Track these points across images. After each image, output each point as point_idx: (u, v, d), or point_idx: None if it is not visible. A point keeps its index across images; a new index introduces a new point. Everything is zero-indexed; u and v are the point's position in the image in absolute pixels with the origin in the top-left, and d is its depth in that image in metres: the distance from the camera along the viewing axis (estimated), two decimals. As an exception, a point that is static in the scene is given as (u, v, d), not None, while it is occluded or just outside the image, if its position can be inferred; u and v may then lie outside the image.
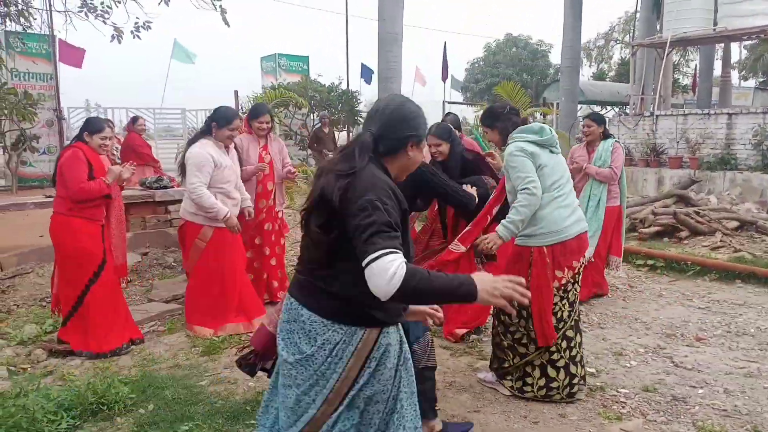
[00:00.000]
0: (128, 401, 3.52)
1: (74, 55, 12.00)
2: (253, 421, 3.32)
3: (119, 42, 8.18)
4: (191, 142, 4.76)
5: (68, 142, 4.52)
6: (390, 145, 2.09)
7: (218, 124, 4.66)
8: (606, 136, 5.79)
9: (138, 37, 8.22)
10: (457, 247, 4.19)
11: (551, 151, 3.60)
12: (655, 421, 3.45)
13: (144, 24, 8.13)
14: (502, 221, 3.57)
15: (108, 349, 4.34)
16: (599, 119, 5.92)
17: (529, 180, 3.44)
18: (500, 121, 3.72)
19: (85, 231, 4.30)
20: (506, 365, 3.72)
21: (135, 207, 6.90)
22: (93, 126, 4.46)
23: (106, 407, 3.44)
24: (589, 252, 5.32)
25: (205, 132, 4.76)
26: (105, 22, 8.07)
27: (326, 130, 13.23)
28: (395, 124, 2.10)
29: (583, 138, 5.97)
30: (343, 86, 16.39)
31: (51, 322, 4.87)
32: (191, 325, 4.81)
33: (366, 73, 19.19)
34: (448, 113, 7.07)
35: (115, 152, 8.68)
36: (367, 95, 16.93)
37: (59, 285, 4.54)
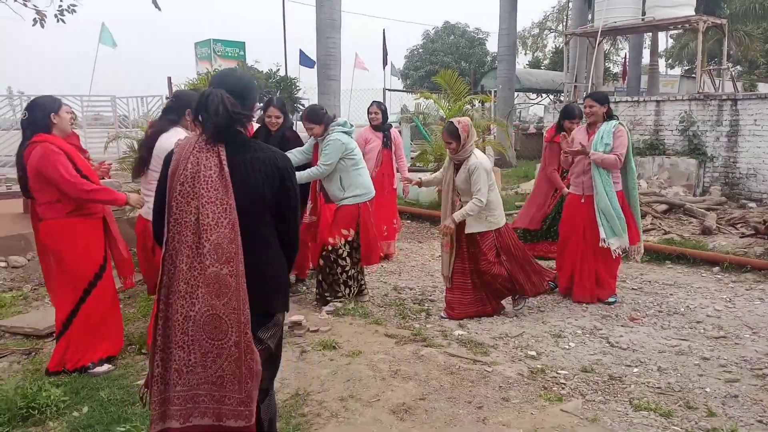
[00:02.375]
0: (61, 404, 3.35)
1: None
2: (194, 419, 3.23)
3: (42, 26, 7.78)
4: (159, 131, 4.01)
5: (21, 142, 3.83)
6: None
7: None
8: (609, 116, 5.30)
9: (62, 21, 7.84)
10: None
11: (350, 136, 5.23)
12: (594, 400, 3.55)
13: (68, 7, 7.76)
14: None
15: (83, 363, 3.86)
16: (601, 98, 5.41)
17: (330, 162, 5.02)
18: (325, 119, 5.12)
19: (88, 231, 3.85)
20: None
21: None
22: (51, 104, 3.80)
23: (37, 411, 3.27)
24: (623, 243, 5.24)
25: (174, 120, 4.02)
26: (26, 5, 7.65)
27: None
28: None
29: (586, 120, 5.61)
30: (282, 73, 16.14)
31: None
32: None
33: (305, 60, 18.94)
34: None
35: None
36: (306, 81, 16.71)
37: (58, 297, 3.94)
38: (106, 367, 3.93)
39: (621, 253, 5.31)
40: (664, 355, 4.22)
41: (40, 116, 3.76)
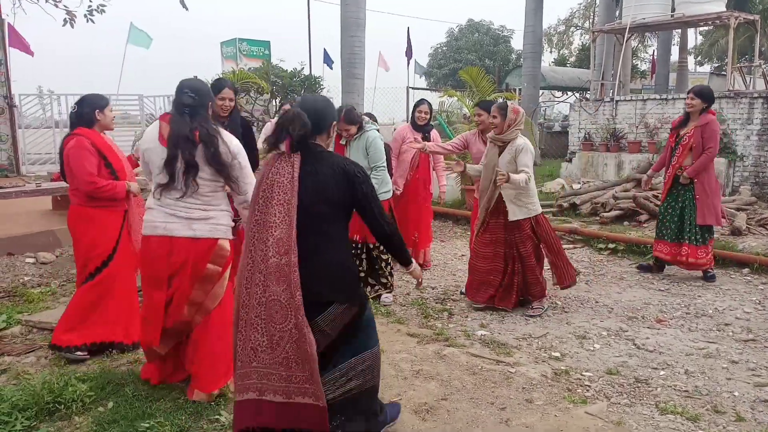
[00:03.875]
0: (87, 399, 3.40)
1: (25, 41, 11.55)
2: (216, 417, 3.26)
3: (72, 26, 7.93)
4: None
5: (67, 131, 4.15)
6: None
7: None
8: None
9: (92, 20, 7.97)
10: None
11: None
12: (619, 403, 3.50)
13: (98, 7, 7.88)
14: None
15: (64, 342, 4.03)
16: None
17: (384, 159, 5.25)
18: None
19: (103, 222, 4.04)
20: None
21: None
22: (98, 101, 4.09)
23: (63, 406, 3.32)
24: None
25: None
26: (57, 5, 7.79)
27: None
28: None
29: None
30: (306, 72, 16.19)
31: (5, 318, 4.70)
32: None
33: (328, 59, 18.99)
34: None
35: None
36: (330, 80, 16.77)
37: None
38: (81, 353, 4.03)
39: None
40: (691, 357, 4.14)
41: (86, 111, 4.05)
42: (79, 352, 4.04)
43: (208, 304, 3.43)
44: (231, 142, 3.36)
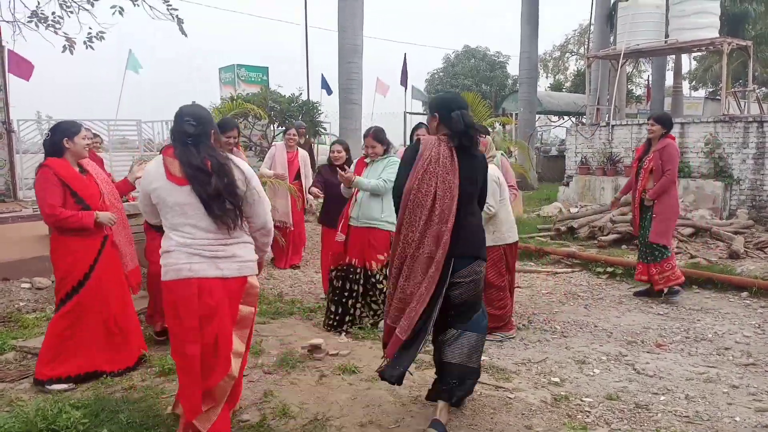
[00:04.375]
0: (80, 426, 3.34)
1: (24, 67, 11.60)
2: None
3: (71, 53, 7.97)
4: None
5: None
6: None
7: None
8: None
9: (91, 47, 8.02)
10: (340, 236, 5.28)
11: None
12: (620, 429, 3.45)
13: (97, 34, 7.94)
14: None
15: (45, 376, 3.96)
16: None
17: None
18: None
19: (76, 249, 4.00)
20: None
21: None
22: (68, 129, 4.01)
23: (56, 434, 3.27)
24: None
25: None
26: (56, 32, 7.85)
27: (301, 140, 13.15)
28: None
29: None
30: (304, 97, 16.32)
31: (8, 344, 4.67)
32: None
33: (326, 85, 19.13)
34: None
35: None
36: (328, 106, 16.84)
37: None
38: (63, 386, 3.97)
39: None
40: (691, 382, 4.11)
41: (56, 140, 3.99)
42: (62, 385, 3.98)
43: (243, 351, 3.21)
44: (243, 167, 3.13)
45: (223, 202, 2.98)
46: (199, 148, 3.03)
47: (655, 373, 4.27)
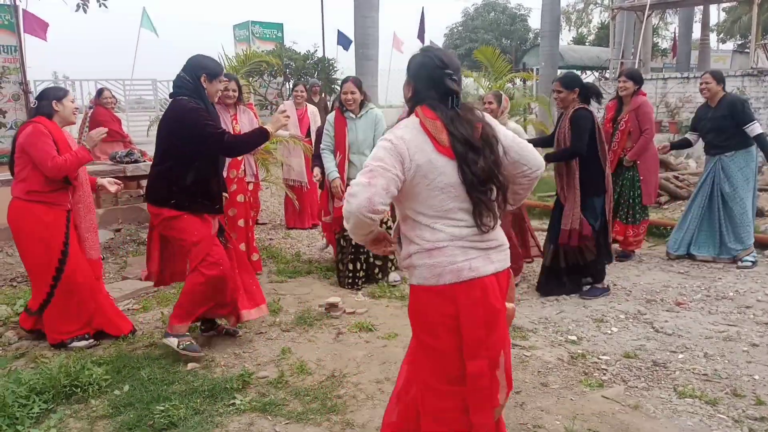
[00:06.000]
0: (103, 383, 3.43)
1: (39, 26, 11.55)
2: (233, 401, 3.26)
3: (84, 11, 7.92)
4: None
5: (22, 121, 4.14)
6: None
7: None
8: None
9: (104, 5, 7.96)
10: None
11: None
12: (636, 387, 3.45)
13: (109, -8, 7.86)
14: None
15: (61, 339, 4.02)
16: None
17: None
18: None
19: (47, 218, 3.90)
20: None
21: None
22: (58, 92, 4.05)
23: (79, 389, 3.35)
24: None
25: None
26: (69, -9, 7.78)
27: (316, 99, 13.00)
28: None
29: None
30: (319, 54, 16.12)
31: (22, 303, 4.74)
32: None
33: (343, 40, 18.83)
34: None
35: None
36: (344, 62, 16.67)
37: (31, 284, 4.14)
38: (84, 342, 4.04)
39: None
40: (711, 341, 4.07)
41: (45, 103, 3.98)
42: (82, 342, 4.04)
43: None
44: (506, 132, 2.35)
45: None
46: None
47: (674, 331, 4.24)
